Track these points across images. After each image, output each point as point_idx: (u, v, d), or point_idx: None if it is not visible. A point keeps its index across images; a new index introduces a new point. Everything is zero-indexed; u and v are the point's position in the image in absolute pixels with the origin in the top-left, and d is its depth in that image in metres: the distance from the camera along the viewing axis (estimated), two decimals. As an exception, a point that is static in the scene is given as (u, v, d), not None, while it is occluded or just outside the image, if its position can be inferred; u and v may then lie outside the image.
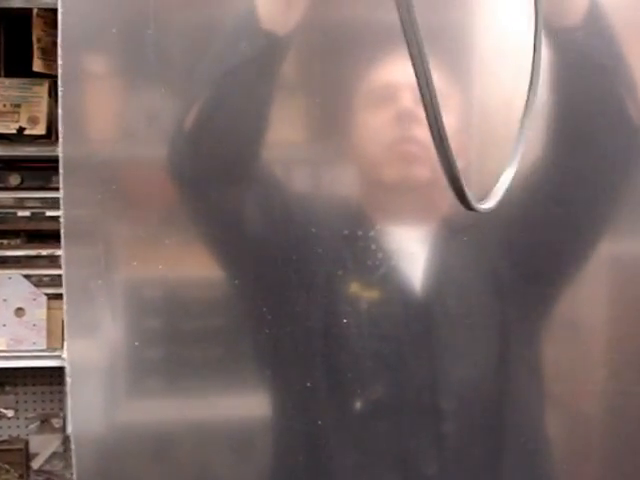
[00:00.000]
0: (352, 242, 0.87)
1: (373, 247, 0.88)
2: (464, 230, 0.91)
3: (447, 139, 0.55)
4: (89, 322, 0.83)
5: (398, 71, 0.90)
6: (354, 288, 0.88)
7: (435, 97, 0.53)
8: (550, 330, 0.95)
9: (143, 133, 0.84)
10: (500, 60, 0.90)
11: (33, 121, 2.17)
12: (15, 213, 2.28)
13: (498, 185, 0.75)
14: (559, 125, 0.88)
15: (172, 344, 0.86)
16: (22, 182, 2.28)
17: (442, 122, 0.54)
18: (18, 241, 2.30)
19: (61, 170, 0.80)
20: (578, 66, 0.86)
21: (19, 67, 2.19)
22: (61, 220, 0.81)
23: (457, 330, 0.91)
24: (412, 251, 0.90)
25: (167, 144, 0.84)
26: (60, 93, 0.79)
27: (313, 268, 0.87)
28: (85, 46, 0.81)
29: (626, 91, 0.87)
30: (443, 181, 0.93)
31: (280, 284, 0.87)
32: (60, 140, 0.79)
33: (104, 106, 0.85)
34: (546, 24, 0.84)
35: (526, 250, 0.92)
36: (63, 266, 0.80)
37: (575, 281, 0.94)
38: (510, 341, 0.92)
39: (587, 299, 0.95)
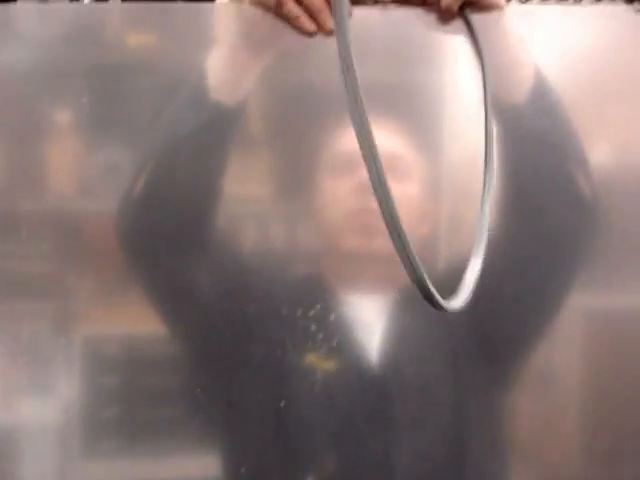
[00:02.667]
0: (292, 320, 0.86)
1: (313, 328, 0.86)
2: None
3: (408, 242, 0.52)
4: (43, 380, 0.84)
5: None
6: (310, 359, 0.87)
7: (392, 202, 0.50)
8: (510, 397, 0.93)
9: (100, 188, 0.85)
10: (467, 125, 0.90)
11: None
12: None
13: (464, 282, 0.72)
14: (510, 201, 0.88)
15: (126, 404, 0.86)
16: None
17: (401, 227, 0.51)
18: None
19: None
20: (527, 143, 0.86)
21: None
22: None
23: (413, 402, 0.90)
24: (369, 321, 0.90)
25: (115, 212, 0.84)
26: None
27: (259, 344, 0.86)
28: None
29: (576, 166, 0.87)
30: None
31: (227, 358, 0.86)
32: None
33: (57, 161, 0.85)
34: (494, 102, 0.85)
35: (484, 319, 0.91)
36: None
37: (538, 347, 0.92)
38: (468, 414, 0.91)
39: (559, 355, 0.93)
